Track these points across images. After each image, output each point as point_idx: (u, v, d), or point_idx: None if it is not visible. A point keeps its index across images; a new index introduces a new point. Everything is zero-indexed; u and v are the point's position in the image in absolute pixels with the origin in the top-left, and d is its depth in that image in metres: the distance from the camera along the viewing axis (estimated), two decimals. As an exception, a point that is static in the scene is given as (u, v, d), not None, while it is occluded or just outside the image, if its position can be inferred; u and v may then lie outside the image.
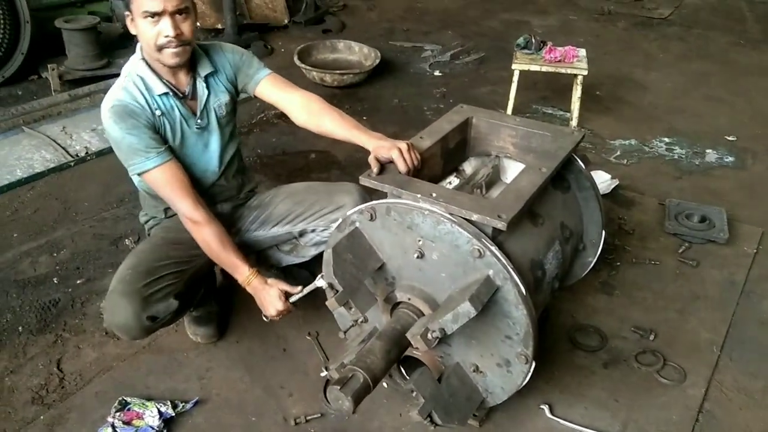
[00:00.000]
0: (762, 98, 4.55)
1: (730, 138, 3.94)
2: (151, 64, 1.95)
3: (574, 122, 3.84)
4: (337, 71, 4.56)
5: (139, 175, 1.96)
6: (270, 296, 1.97)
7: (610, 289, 2.63)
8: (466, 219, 1.67)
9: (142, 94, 1.93)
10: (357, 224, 1.84)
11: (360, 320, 2.03)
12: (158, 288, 1.93)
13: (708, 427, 2.03)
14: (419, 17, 6.36)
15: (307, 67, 4.51)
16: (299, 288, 1.97)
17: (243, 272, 2.00)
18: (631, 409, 2.08)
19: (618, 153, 3.74)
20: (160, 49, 1.86)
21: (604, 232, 2.22)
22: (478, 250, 1.63)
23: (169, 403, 2.03)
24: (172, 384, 2.15)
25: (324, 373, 2.19)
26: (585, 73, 3.57)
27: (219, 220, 2.05)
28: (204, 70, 2.04)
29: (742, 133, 4.00)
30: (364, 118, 4.11)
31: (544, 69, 3.62)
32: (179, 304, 2.01)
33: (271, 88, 2.15)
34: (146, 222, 2.28)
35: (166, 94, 1.96)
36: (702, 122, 4.18)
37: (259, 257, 2.37)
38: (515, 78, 3.70)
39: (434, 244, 1.72)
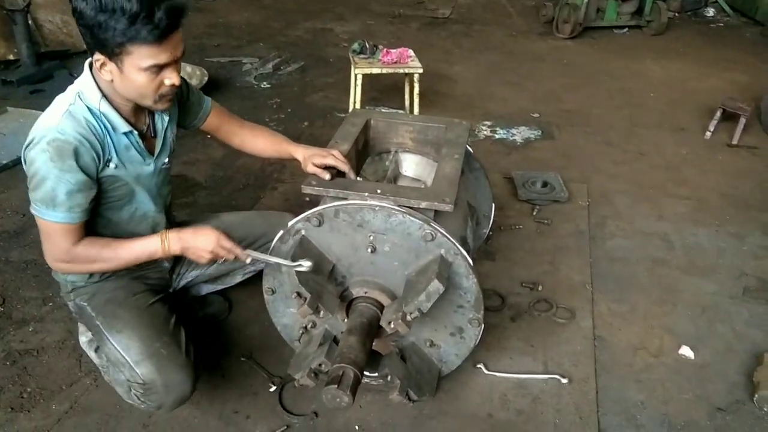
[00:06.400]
0: (545, 80, 5.37)
1: (535, 115, 4.63)
2: (115, 103, 1.71)
3: (412, 116, 4.19)
4: (166, 93, 4.37)
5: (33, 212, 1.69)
6: (198, 236, 1.79)
7: (491, 255, 2.98)
8: (413, 208, 1.84)
9: (106, 133, 1.70)
10: (302, 232, 1.90)
11: (309, 326, 2.09)
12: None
13: (604, 348, 2.45)
14: (226, 32, 6.29)
15: (133, 92, 4.24)
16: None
17: (156, 242, 1.78)
18: (545, 350, 2.43)
19: (453, 139, 4.18)
20: (160, 98, 1.67)
21: (494, 206, 2.54)
22: (431, 234, 1.81)
23: (124, 459, 1.89)
24: (116, 441, 1.99)
25: (273, 388, 2.21)
26: (421, 71, 3.92)
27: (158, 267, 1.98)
28: None
29: (541, 110, 4.72)
30: (209, 135, 4.00)
31: (385, 71, 3.89)
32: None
33: (219, 119, 2.14)
34: (72, 280, 1.94)
35: (130, 132, 1.76)
36: (509, 104, 4.83)
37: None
38: (359, 82, 3.91)
39: (386, 237, 1.85)
